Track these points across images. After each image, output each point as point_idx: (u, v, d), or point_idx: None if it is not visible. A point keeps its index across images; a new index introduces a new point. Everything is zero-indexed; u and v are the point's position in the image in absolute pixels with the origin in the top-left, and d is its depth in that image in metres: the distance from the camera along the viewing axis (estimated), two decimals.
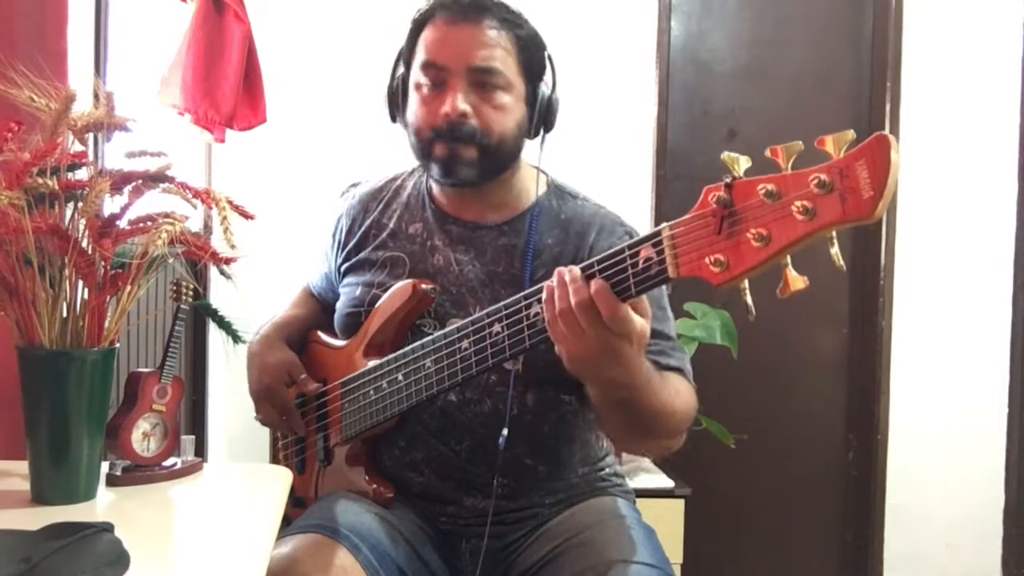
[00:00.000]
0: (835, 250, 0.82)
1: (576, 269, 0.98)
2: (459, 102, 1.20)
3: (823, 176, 0.79)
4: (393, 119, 1.33)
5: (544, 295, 1.00)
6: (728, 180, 0.85)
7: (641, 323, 0.97)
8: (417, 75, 1.26)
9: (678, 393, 1.15)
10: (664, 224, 0.91)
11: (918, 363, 2.78)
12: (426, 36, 1.25)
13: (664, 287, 1.13)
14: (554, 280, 0.98)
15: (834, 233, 0.80)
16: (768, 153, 0.83)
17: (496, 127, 1.23)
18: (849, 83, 2.84)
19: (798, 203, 0.80)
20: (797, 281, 0.83)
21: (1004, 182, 2.78)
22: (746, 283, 0.86)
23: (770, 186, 0.82)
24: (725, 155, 0.85)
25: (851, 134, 0.79)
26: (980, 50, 2.75)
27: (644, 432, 1.15)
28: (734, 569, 2.83)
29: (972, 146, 2.76)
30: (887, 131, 2.65)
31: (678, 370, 1.21)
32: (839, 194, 0.78)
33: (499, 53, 1.22)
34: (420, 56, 1.25)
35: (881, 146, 0.76)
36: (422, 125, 1.25)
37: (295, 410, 1.34)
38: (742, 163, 0.85)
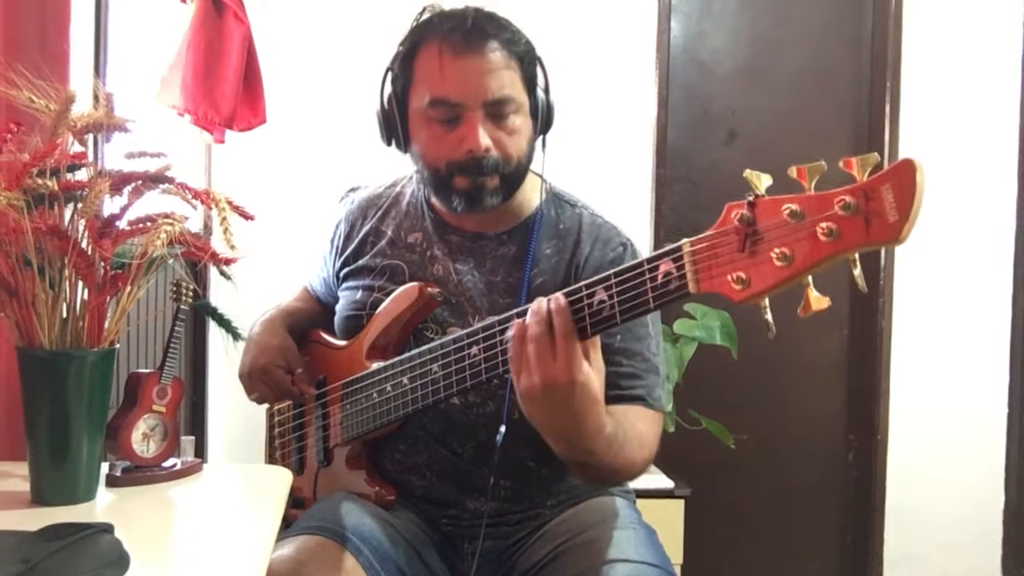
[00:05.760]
0: (858, 272, 0.80)
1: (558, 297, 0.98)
2: (483, 138, 1.18)
3: (848, 198, 0.78)
4: (388, 143, 1.31)
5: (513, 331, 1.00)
6: (751, 198, 0.84)
7: (587, 367, 0.97)
8: (424, 108, 1.21)
9: (641, 446, 1.13)
10: (684, 240, 0.90)
11: (918, 363, 2.78)
12: (427, 65, 1.21)
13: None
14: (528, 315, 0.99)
15: (857, 255, 0.80)
16: (794, 173, 0.81)
17: (514, 152, 1.22)
18: (849, 83, 2.83)
19: (823, 224, 0.79)
20: (820, 301, 0.82)
21: (1004, 182, 2.78)
22: (766, 301, 0.85)
23: (794, 206, 0.81)
24: (747, 172, 0.84)
25: (876, 157, 0.79)
26: (980, 50, 2.75)
27: (604, 482, 1.26)
28: (734, 569, 2.83)
29: (972, 146, 2.75)
30: (887, 131, 2.67)
31: (642, 399, 1.19)
32: (864, 217, 0.77)
33: (507, 77, 1.20)
34: (425, 89, 1.21)
35: (907, 170, 0.76)
36: (439, 160, 1.22)
37: (292, 388, 1.33)
38: (764, 181, 0.84)
